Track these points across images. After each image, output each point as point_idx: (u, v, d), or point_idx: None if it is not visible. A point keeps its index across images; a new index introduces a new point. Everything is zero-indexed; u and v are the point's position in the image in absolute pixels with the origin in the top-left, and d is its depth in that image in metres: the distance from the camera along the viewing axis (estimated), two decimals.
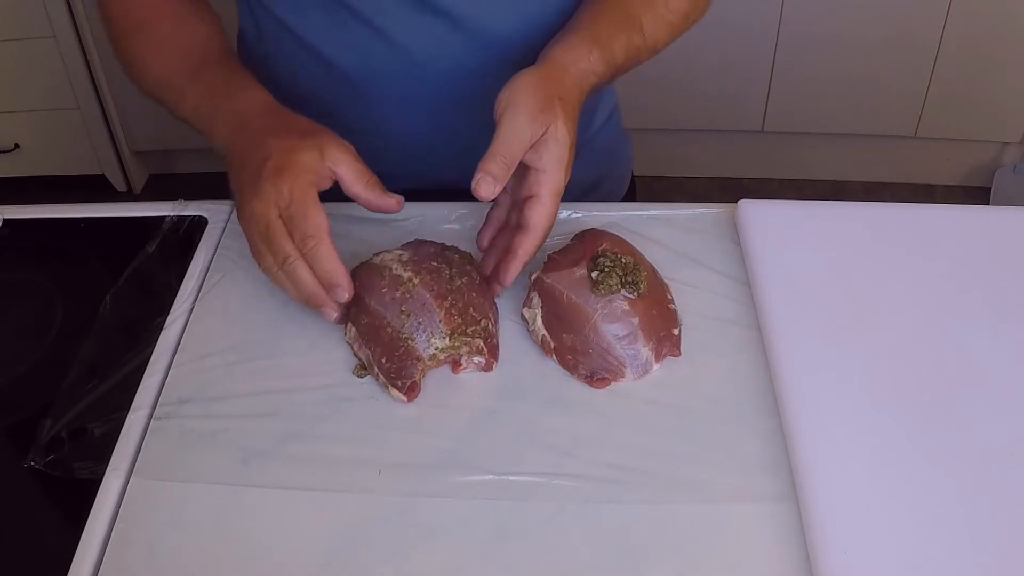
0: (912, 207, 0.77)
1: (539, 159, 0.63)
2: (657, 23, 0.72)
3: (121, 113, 2.05)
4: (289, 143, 0.63)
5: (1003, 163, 2.11)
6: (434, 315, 0.63)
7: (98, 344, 0.68)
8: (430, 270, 0.65)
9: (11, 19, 1.84)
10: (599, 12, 0.70)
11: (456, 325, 0.63)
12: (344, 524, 0.56)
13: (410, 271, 0.65)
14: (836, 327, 0.66)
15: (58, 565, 0.54)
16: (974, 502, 0.55)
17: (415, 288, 0.64)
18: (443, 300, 0.64)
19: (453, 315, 0.63)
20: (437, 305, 0.63)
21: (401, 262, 0.66)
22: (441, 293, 0.64)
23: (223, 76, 0.71)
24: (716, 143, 2.14)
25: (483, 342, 0.64)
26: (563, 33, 0.69)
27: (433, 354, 0.62)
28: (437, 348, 0.62)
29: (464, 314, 0.64)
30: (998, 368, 0.63)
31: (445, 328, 0.63)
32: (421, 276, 0.65)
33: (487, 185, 0.60)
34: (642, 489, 0.57)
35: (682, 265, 0.72)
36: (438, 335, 0.63)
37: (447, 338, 0.63)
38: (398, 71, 0.75)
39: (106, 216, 0.81)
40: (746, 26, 1.89)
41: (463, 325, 0.63)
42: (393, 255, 0.67)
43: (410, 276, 0.65)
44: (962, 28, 1.85)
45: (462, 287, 0.65)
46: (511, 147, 0.61)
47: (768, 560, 0.54)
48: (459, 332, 0.63)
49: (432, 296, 0.64)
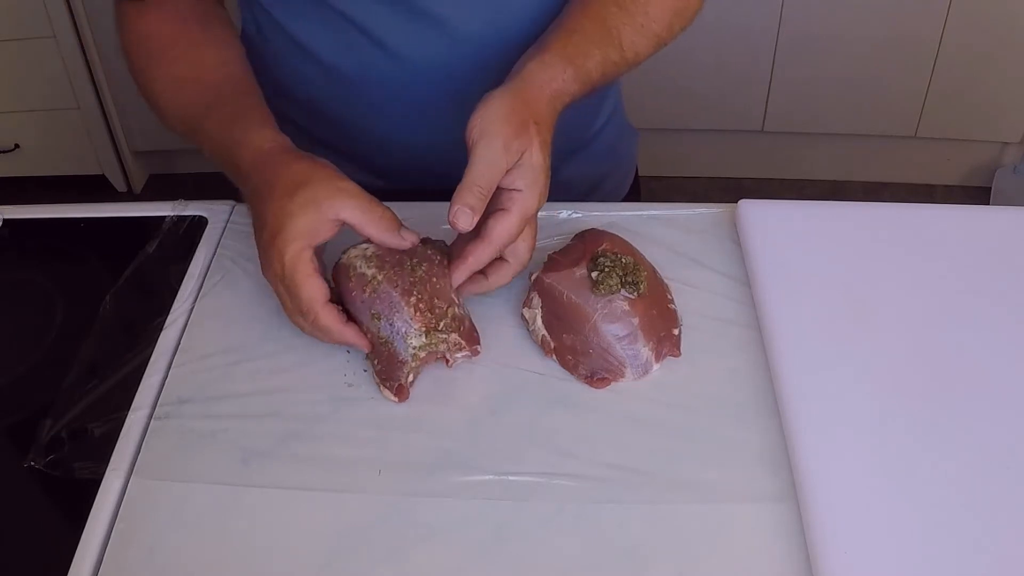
0: (912, 207, 0.77)
1: (512, 183, 0.61)
2: (637, 35, 0.70)
3: (121, 113, 2.05)
4: (281, 205, 0.61)
5: (1003, 163, 2.11)
6: (404, 314, 0.62)
7: (98, 344, 0.68)
8: (393, 263, 0.63)
9: (11, 19, 1.84)
10: (575, 27, 0.68)
11: (428, 322, 0.62)
12: (344, 524, 0.56)
13: (374, 267, 0.63)
14: (836, 327, 0.66)
15: (58, 565, 0.54)
16: (974, 502, 0.55)
17: (380, 286, 0.62)
18: (409, 296, 0.62)
19: (422, 310, 0.62)
20: (404, 302, 0.62)
21: (365, 257, 0.64)
22: (406, 288, 0.62)
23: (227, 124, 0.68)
24: (716, 143, 2.14)
25: (458, 334, 0.63)
26: (537, 48, 0.67)
27: (414, 354, 0.62)
28: (415, 348, 0.62)
29: (432, 308, 0.62)
30: (998, 368, 0.63)
31: (419, 326, 0.62)
32: (385, 271, 0.63)
33: (465, 217, 0.59)
34: (642, 489, 0.57)
35: (682, 265, 0.72)
36: (413, 334, 0.62)
37: (423, 336, 0.62)
38: (390, 73, 0.75)
39: (106, 216, 0.81)
40: (746, 26, 1.89)
41: (434, 320, 0.62)
42: (359, 250, 0.65)
43: (374, 273, 0.63)
44: (962, 28, 1.85)
45: (424, 276, 0.63)
46: (487, 177, 0.60)
47: (768, 560, 0.54)
48: (433, 329, 0.62)
49: (399, 293, 0.62)
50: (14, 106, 1.99)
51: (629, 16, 0.70)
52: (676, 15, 0.73)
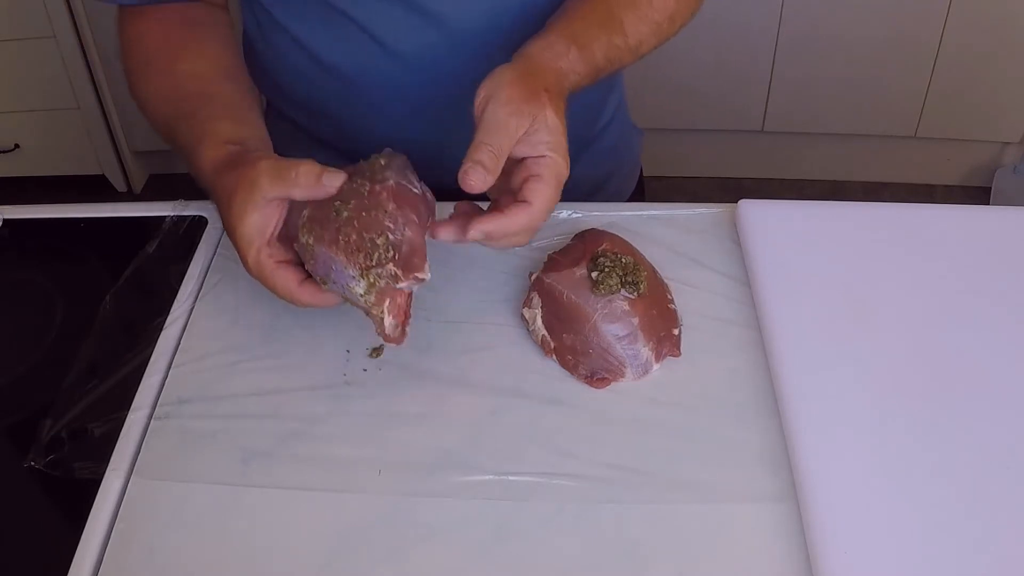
0: (912, 207, 0.77)
1: (534, 148, 0.59)
2: (640, 23, 0.70)
3: (121, 113, 2.05)
4: (227, 218, 0.62)
5: (1003, 163, 2.11)
6: (336, 262, 0.59)
7: (98, 344, 0.68)
8: (321, 219, 0.60)
9: (11, 19, 1.84)
10: (578, 12, 0.68)
11: (360, 262, 0.58)
12: (344, 524, 0.56)
13: (307, 233, 0.60)
14: (836, 327, 0.66)
15: (58, 565, 0.54)
16: (974, 501, 0.55)
17: (314, 249, 0.60)
18: (335, 244, 0.59)
19: (351, 252, 0.58)
20: (333, 253, 0.59)
21: (305, 227, 0.61)
22: (332, 238, 0.59)
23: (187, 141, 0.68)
24: (716, 143, 2.14)
25: (393, 264, 0.59)
26: (540, 32, 0.67)
27: (367, 300, 0.59)
28: (361, 294, 0.59)
29: (361, 244, 0.59)
30: (998, 368, 0.63)
31: (354, 272, 0.58)
32: (315, 231, 0.60)
33: (477, 174, 0.56)
34: (642, 489, 0.57)
35: (682, 265, 0.72)
36: (352, 281, 0.59)
37: (360, 279, 0.58)
38: (390, 72, 0.75)
39: (106, 216, 0.81)
40: (746, 26, 1.89)
41: (365, 258, 0.58)
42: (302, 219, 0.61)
43: (307, 239, 0.60)
44: (962, 28, 1.85)
45: (350, 215, 0.59)
46: (497, 137, 0.58)
47: (768, 560, 0.54)
48: (368, 268, 0.58)
49: (326, 246, 0.59)
50: (14, 106, 1.99)
51: (632, 3, 0.70)
52: (679, 7, 0.73)
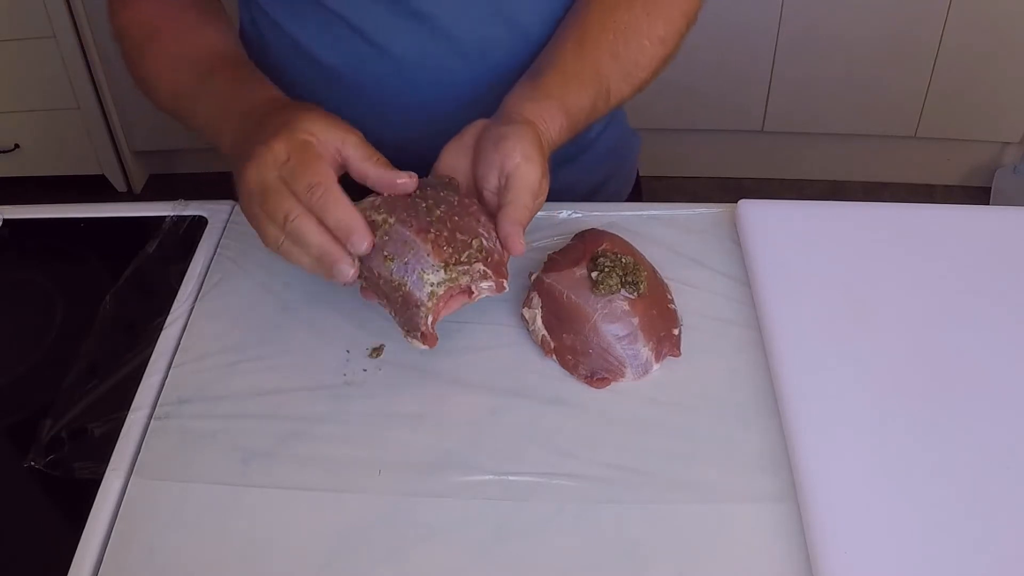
0: (912, 207, 0.77)
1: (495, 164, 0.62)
2: (623, 84, 0.71)
3: (121, 113, 2.05)
4: (288, 113, 0.60)
5: (1003, 163, 2.11)
6: (419, 250, 0.58)
7: (98, 344, 0.68)
8: (405, 207, 0.60)
9: (11, 19, 1.84)
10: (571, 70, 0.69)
11: (447, 256, 0.58)
12: (344, 524, 0.56)
13: (383, 212, 0.60)
14: (836, 327, 0.66)
15: (58, 565, 0.54)
16: (974, 501, 0.55)
17: (392, 227, 0.59)
18: (426, 233, 0.58)
19: (440, 245, 0.58)
20: (420, 239, 0.58)
21: (374, 207, 0.60)
22: (422, 227, 0.58)
23: (232, 81, 0.69)
24: (716, 143, 2.14)
25: (483, 264, 0.59)
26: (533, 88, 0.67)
27: (431, 292, 0.58)
28: (433, 284, 0.58)
29: (452, 241, 0.59)
30: (998, 368, 0.63)
31: (435, 260, 0.58)
32: (397, 214, 0.59)
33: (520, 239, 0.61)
34: (642, 489, 0.57)
35: (682, 265, 0.72)
36: (429, 270, 0.58)
37: (441, 271, 0.58)
38: (386, 74, 0.75)
39: (106, 216, 0.81)
40: (746, 26, 1.89)
41: (454, 253, 0.58)
42: (366, 202, 0.61)
43: (384, 217, 0.59)
44: (962, 28, 1.85)
45: (443, 216, 0.60)
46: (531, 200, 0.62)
47: (768, 560, 0.54)
48: (453, 263, 0.58)
49: (413, 232, 0.58)
50: (14, 106, 1.99)
51: (620, 66, 0.71)
52: (662, 63, 0.74)
